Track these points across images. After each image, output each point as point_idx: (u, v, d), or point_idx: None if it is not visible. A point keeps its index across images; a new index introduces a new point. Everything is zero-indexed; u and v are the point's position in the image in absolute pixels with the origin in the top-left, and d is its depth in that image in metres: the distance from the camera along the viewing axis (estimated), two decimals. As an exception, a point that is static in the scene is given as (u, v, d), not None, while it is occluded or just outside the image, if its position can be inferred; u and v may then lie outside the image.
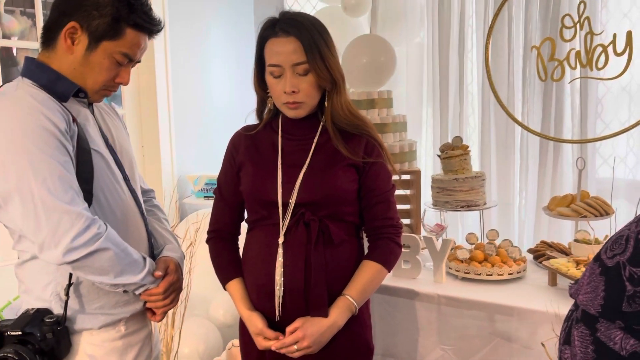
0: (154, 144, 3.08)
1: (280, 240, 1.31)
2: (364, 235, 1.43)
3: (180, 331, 2.21)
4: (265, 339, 1.31)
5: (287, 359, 1.32)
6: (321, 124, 1.38)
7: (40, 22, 2.54)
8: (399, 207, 1.45)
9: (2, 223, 1.17)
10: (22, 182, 1.07)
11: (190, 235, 2.27)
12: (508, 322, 1.64)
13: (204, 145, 3.29)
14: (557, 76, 2.28)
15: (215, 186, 1.46)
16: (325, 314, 1.29)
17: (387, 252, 1.38)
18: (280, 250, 1.31)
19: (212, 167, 3.18)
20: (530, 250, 2.09)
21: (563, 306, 1.53)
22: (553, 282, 1.78)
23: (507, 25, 2.69)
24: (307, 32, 1.27)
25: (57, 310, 1.18)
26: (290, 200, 1.31)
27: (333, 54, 1.31)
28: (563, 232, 2.62)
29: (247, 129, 1.44)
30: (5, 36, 2.73)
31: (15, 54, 3.09)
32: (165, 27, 2.95)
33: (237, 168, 1.40)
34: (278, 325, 1.32)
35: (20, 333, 1.11)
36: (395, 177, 1.44)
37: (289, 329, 1.29)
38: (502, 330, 1.65)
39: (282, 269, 1.30)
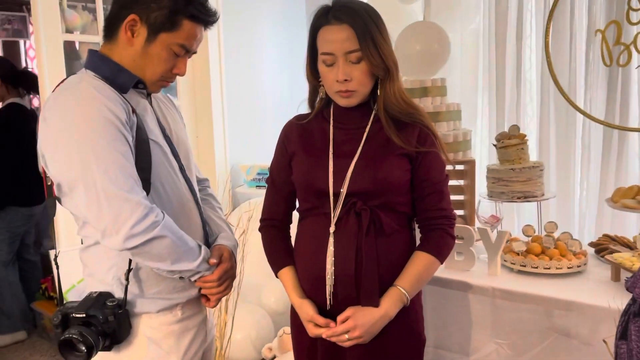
0: (208, 134, 3.15)
1: (332, 229, 1.31)
2: (416, 226, 1.41)
3: (234, 317, 2.26)
4: (316, 326, 1.32)
5: (338, 347, 1.32)
6: (373, 112, 1.36)
7: (100, 16, 2.63)
8: (452, 198, 1.42)
9: (68, 210, 1.22)
10: (85, 171, 1.12)
11: (243, 224, 2.31)
12: (567, 318, 1.58)
13: (256, 135, 3.33)
14: (623, 61, 2.16)
15: (267, 175, 1.48)
16: (376, 304, 1.28)
17: (440, 244, 1.35)
18: (331, 240, 1.31)
19: (264, 157, 3.22)
20: (591, 244, 2.00)
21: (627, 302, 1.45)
22: (616, 277, 1.70)
23: (569, 7, 2.57)
24: (360, 19, 1.25)
25: (118, 293, 1.23)
26: (341, 190, 1.31)
27: (386, 41, 1.29)
28: (627, 225, 2.49)
29: (298, 118, 1.44)
30: (68, 30, 2.85)
31: (77, 47, 3.23)
32: (219, 19, 3.01)
33: (289, 157, 1.41)
34: (329, 314, 1.33)
35: (84, 315, 1.17)
36: (449, 167, 1.41)
37: (340, 317, 1.29)
38: (561, 326, 1.60)
39: (333, 258, 1.30)
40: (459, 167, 2.27)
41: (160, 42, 1.21)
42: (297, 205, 1.45)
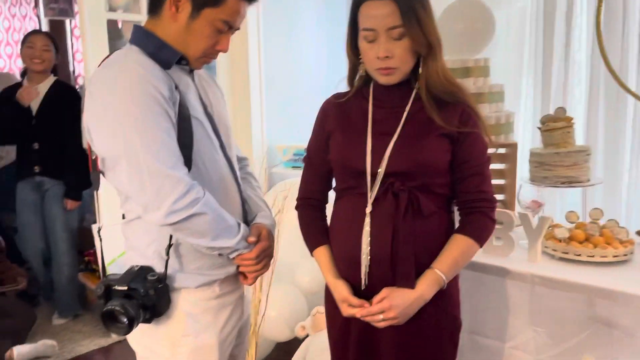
0: (245, 114, 3.16)
1: (368, 209, 1.30)
2: (455, 208, 1.38)
3: (267, 295, 2.28)
4: (350, 306, 1.31)
5: (372, 328, 1.32)
6: (414, 91, 1.33)
7: (143, -5, 2.66)
8: (492, 182, 1.39)
9: (111, 184, 1.25)
10: (129, 146, 1.13)
11: (279, 203, 2.32)
12: (610, 308, 1.53)
13: (293, 116, 3.32)
14: (681, 41, 2.04)
15: (304, 156, 1.47)
16: (412, 286, 1.27)
17: (480, 227, 1.32)
18: (367, 220, 1.29)
19: (301, 137, 3.22)
20: (639, 232, 1.93)
21: (676, 294, 1.40)
22: (665, 267, 1.63)
23: (622, -15, 2.44)
24: None
25: (159, 268, 1.25)
26: (379, 170, 1.29)
27: (430, 18, 1.26)
28: (678, 214, 2.39)
29: (337, 96, 1.43)
30: (112, 9, 2.88)
31: (120, 26, 3.27)
32: (258, -2, 2.99)
33: (327, 136, 1.39)
34: (363, 294, 1.32)
35: (126, 288, 1.20)
36: (490, 150, 1.37)
37: (375, 298, 1.29)
38: (603, 316, 1.55)
39: (369, 239, 1.29)
40: (500, 150, 2.21)
41: (204, 18, 1.21)
42: (334, 184, 1.44)
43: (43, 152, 3.11)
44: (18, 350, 2.69)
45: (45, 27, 5.24)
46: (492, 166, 1.40)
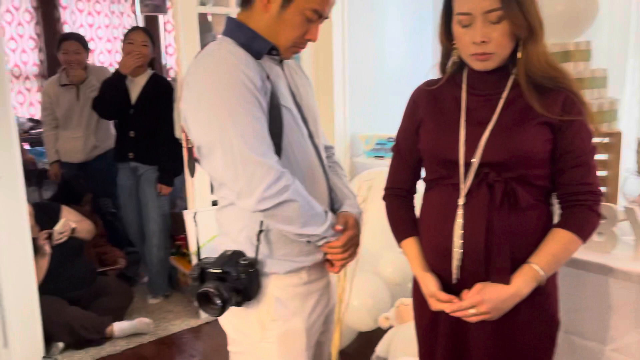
0: (328, 103, 3.17)
1: (461, 201, 1.25)
2: (556, 201, 1.30)
3: (352, 284, 2.29)
4: (438, 301, 1.28)
5: (462, 323, 1.28)
6: (512, 77, 1.26)
7: (232, -12, 2.73)
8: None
9: (206, 171, 1.30)
10: (223, 135, 1.17)
11: (363, 192, 2.31)
12: None
13: (375, 105, 3.29)
14: None
15: (387, 146, 1.45)
16: (507, 281, 1.22)
17: (584, 221, 1.24)
18: (459, 212, 1.25)
19: (383, 127, 3.19)
20: None
21: None
22: None
23: None
24: None
25: (249, 253, 1.29)
26: (472, 160, 1.24)
27: None
28: None
29: (428, 83, 1.38)
30: (202, 3, 2.99)
31: (210, 19, 3.39)
32: (344, -14, 2.97)
33: (417, 125, 1.36)
34: (454, 289, 1.28)
35: (220, 271, 1.24)
36: (595, 139, 1.28)
37: (466, 294, 1.24)
38: None
39: (462, 231, 1.24)
40: (603, 139, 2.06)
41: (295, 8, 1.22)
42: (423, 174, 1.40)
43: (138, 139, 3.31)
44: (118, 326, 2.89)
45: (140, 23, 5.55)
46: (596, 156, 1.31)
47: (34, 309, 2.56)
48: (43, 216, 2.91)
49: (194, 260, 3.00)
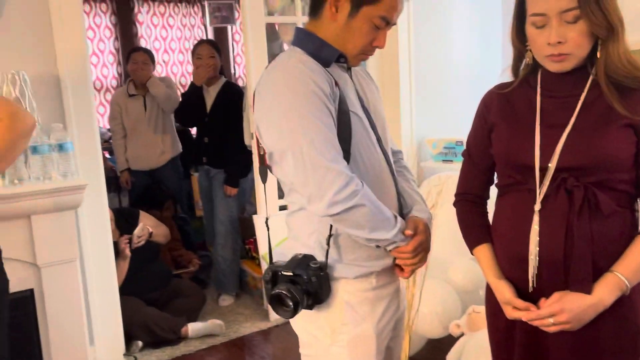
0: (394, 108, 3.16)
1: (537, 207, 1.21)
2: (640, 207, 1.24)
3: (421, 291, 2.26)
4: (514, 309, 1.24)
5: (540, 332, 1.23)
6: (591, 77, 1.21)
7: (298, -2, 2.79)
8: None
9: (277, 177, 1.33)
10: (294, 141, 1.19)
11: (432, 198, 2.28)
12: None
13: (442, 109, 3.24)
14: None
15: (455, 149, 1.42)
16: (588, 291, 1.16)
17: (672, 228, 1.17)
18: (536, 218, 1.21)
19: (450, 130, 3.13)
20: None
21: None
22: None
23: None
24: None
25: (320, 257, 1.30)
26: (549, 165, 1.20)
27: None
28: None
29: (500, 86, 1.35)
30: (269, 13, 3.07)
31: (277, 28, 3.47)
32: (410, -9, 2.96)
33: (489, 129, 1.33)
34: (530, 297, 1.24)
35: (291, 274, 1.27)
36: None
37: (544, 302, 1.20)
38: None
39: (538, 239, 1.20)
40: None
41: (362, 16, 1.23)
42: (496, 179, 1.37)
43: (210, 145, 3.48)
44: (192, 326, 3.00)
45: (210, 34, 5.77)
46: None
47: (116, 309, 2.71)
48: (123, 221, 3.09)
49: (263, 264, 3.07)
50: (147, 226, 3.12)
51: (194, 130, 4.10)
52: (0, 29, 2.12)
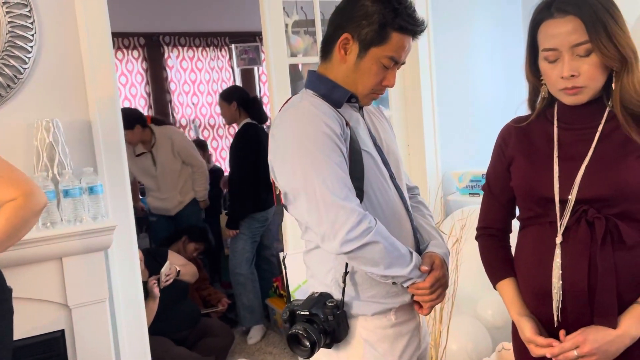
0: (418, 142, 3.16)
1: (558, 240, 1.19)
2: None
3: (448, 327, 2.21)
4: (537, 346, 1.21)
5: (569, 368, 1.19)
6: (607, 109, 1.20)
7: (320, 39, 2.85)
8: None
9: (293, 216, 1.35)
10: (307, 181, 1.22)
11: (456, 232, 2.25)
12: None
13: (468, 142, 3.23)
14: None
15: (482, 182, 1.42)
16: (613, 325, 1.13)
17: (698, 258, 1.13)
18: (557, 251, 1.19)
19: (476, 163, 3.11)
20: None
21: None
22: None
23: None
24: (589, 7, 1.13)
25: (336, 295, 1.30)
26: (569, 197, 1.18)
27: (622, 29, 1.14)
28: None
29: (517, 120, 1.35)
30: (293, 54, 3.15)
31: (300, 68, 3.55)
32: (429, 26, 2.99)
33: (508, 163, 1.32)
34: (556, 332, 1.20)
35: (307, 313, 1.27)
36: None
37: (569, 336, 1.16)
38: None
39: (561, 272, 1.18)
40: None
41: (371, 57, 1.27)
42: (517, 213, 1.35)
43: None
44: (221, 366, 3.00)
45: (237, 76, 5.93)
46: None
47: (145, 349, 2.72)
48: (152, 261, 3.14)
49: (290, 302, 3.07)
50: (175, 265, 3.16)
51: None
52: (35, 79, 2.23)
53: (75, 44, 2.28)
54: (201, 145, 4.87)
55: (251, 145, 3.48)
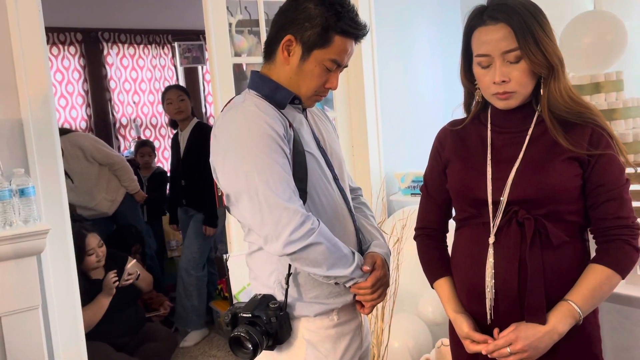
0: (362, 143, 3.20)
1: (491, 240, 1.24)
2: (591, 237, 1.27)
3: (390, 325, 2.25)
4: (473, 342, 1.25)
5: (502, 364, 1.24)
6: (536, 114, 1.26)
7: (264, 39, 2.84)
8: (633, 204, 1.25)
9: (235, 218, 1.34)
10: (249, 182, 1.21)
11: (398, 232, 2.30)
12: None
13: (410, 143, 3.30)
14: None
15: (422, 183, 1.46)
16: (542, 322, 1.18)
17: (621, 256, 1.20)
18: (490, 251, 1.24)
19: (418, 164, 3.18)
20: None
21: None
22: None
23: None
24: (518, 16, 1.18)
25: (279, 297, 1.30)
26: (501, 198, 1.23)
27: (550, 37, 1.19)
28: None
29: (453, 124, 1.40)
30: (237, 54, 3.12)
31: (244, 68, 3.53)
32: (372, 30, 3.05)
33: (444, 165, 1.37)
34: (489, 329, 1.25)
35: (250, 315, 1.26)
36: (629, 170, 1.25)
37: (501, 334, 1.22)
38: None
39: (493, 271, 1.23)
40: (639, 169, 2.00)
41: (314, 59, 1.27)
42: (454, 213, 1.40)
43: (188, 187, 3.50)
44: (163, 372, 2.92)
45: (181, 75, 5.81)
46: (633, 187, 1.28)
47: (83, 357, 2.62)
48: (112, 263, 3.02)
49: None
50: (137, 268, 3.07)
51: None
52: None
53: (5, 38, 2.16)
54: (148, 145, 4.75)
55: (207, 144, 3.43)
